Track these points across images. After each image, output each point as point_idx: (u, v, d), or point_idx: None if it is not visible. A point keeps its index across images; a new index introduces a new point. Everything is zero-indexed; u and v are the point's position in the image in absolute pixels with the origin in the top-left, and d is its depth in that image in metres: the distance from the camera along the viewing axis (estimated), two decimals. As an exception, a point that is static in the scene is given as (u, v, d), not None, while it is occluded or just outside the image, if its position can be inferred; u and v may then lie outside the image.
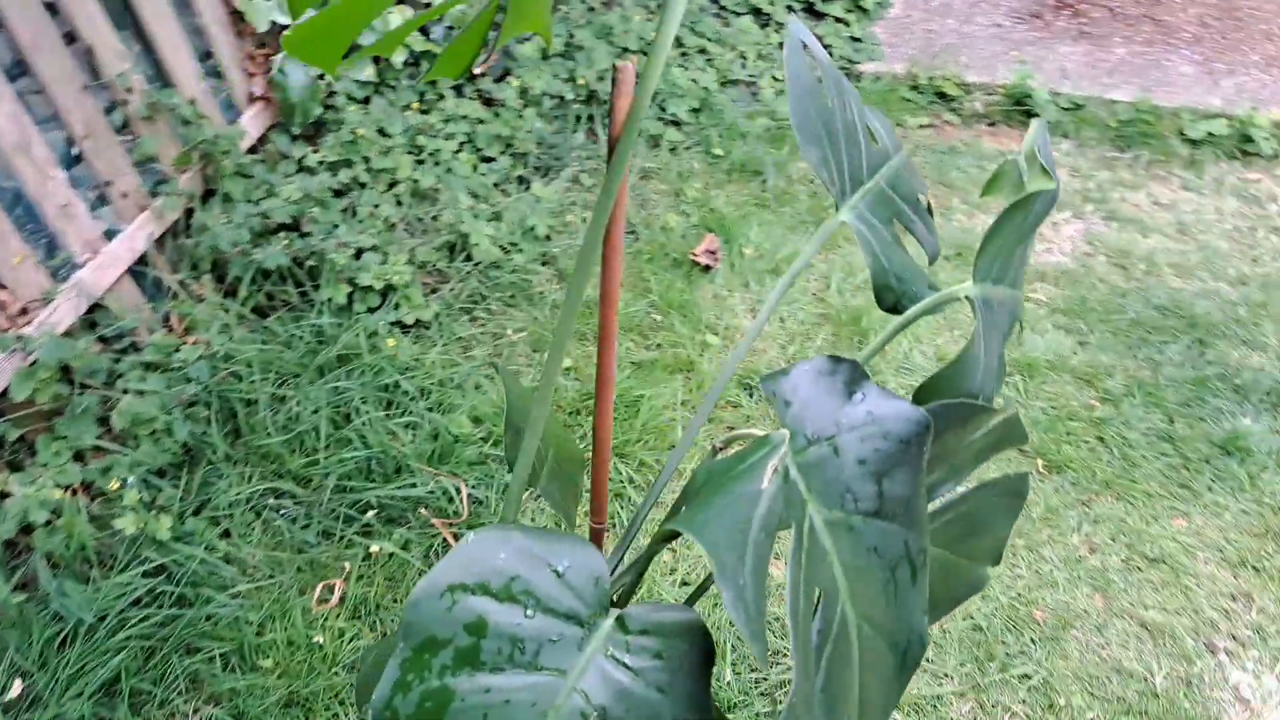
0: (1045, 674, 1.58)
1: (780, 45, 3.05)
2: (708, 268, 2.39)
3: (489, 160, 2.54)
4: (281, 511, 1.68)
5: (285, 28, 2.20)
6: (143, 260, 1.93)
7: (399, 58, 2.43)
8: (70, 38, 1.80)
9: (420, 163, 2.41)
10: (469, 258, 2.23)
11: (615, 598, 0.67)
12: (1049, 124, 3.04)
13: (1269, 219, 2.66)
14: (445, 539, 1.60)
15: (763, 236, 2.50)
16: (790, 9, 3.44)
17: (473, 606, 0.58)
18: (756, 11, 3.42)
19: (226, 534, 1.64)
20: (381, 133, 2.37)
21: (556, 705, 0.58)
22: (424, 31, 2.56)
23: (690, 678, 0.59)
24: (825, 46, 3.25)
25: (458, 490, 1.69)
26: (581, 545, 0.62)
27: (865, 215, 0.81)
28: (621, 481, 1.82)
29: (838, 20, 3.42)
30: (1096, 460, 1.96)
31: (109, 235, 1.86)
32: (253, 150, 2.24)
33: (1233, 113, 2.93)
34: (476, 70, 2.62)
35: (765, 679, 1.55)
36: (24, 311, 1.69)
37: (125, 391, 1.71)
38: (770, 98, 3.06)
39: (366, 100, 2.42)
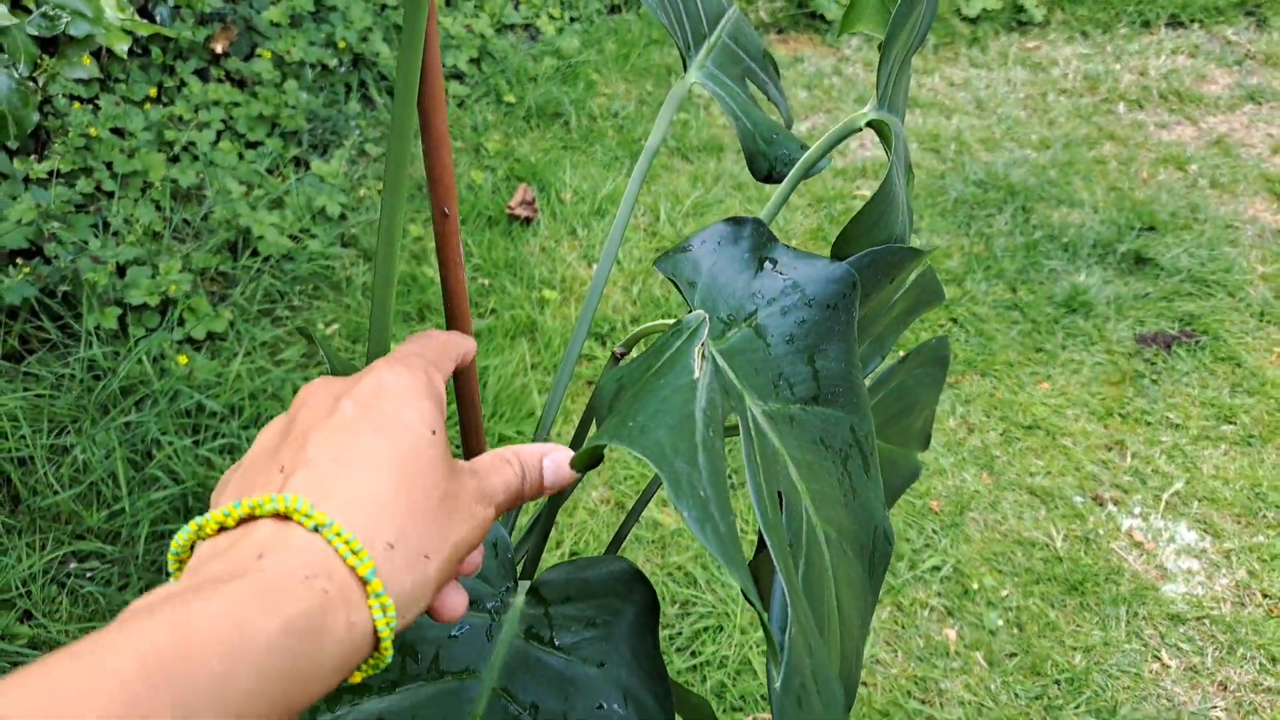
0: (953, 561, 1.54)
1: (557, -20, 2.88)
2: (527, 220, 2.21)
3: (255, 145, 2.25)
4: (89, 576, 1.40)
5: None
6: None
7: (121, 46, 2.09)
8: None
9: (174, 159, 2.09)
10: (255, 253, 1.95)
11: (520, 569, 0.51)
12: (835, 24, 3.03)
13: (1055, 82, 2.76)
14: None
15: (578, 179, 2.35)
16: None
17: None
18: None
19: (27, 615, 1.34)
20: (118, 133, 2.04)
21: (473, 715, 0.42)
22: (148, 15, 2.22)
23: (631, 640, 0.44)
24: (604, -23, 3.10)
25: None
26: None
27: (716, 74, 0.68)
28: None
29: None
30: (955, 342, 1.95)
31: None
32: (-37, 173, 1.86)
33: (1003, -12, 3.02)
34: (217, 48, 2.30)
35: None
36: None
37: None
38: (552, 36, 2.89)
39: (94, 100, 2.07)
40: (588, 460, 0.37)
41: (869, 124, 0.54)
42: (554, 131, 2.55)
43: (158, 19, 2.25)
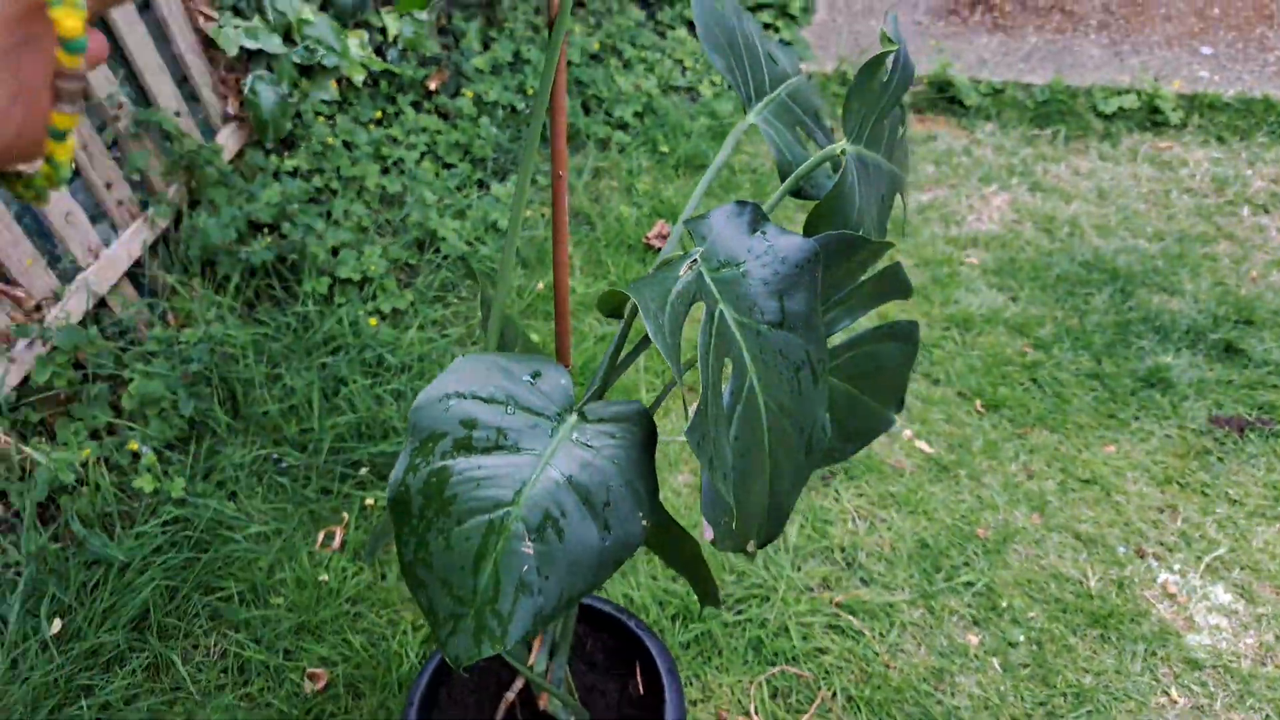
0: (988, 581, 1.72)
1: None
2: (660, 250, 2.55)
3: (449, 166, 2.70)
4: (283, 468, 1.81)
5: (253, 53, 2.36)
6: (139, 264, 2.07)
7: (358, 77, 2.59)
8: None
9: (386, 171, 2.57)
10: (438, 250, 2.38)
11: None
12: (973, 109, 3.26)
13: (1181, 181, 2.88)
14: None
15: (715, 222, 2.68)
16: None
17: (464, 408, 0.73)
18: (690, 25, 3.63)
19: (234, 495, 1.76)
20: (347, 145, 2.53)
21: (534, 476, 0.73)
22: (381, 54, 2.73)
23: (636, 451, 0.73)
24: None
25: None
26: (550, 363, 0.77)
27: (770, 119, 0.97)
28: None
29: (767, 26, 3.64)
30: (1030, 399, 2.13)
31: (107, 243, 2.00)
32: (231, 167, 2.38)
33: (1140, 88, 3.17)
34: (431, 86, 2.79)
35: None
36: (38, 308, 1.82)
37: (131, 379, 1.84)
38: (709, 99, 3.25)
39: (332, 118, 2.58)
40: (606, 301, 0.67)
41: (841, 152, 0.83)
42: (697, 180, 2.90)
43: (388, 58, 2.76)
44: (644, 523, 0.74)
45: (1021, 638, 1.64)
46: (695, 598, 1.58)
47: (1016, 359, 2.23)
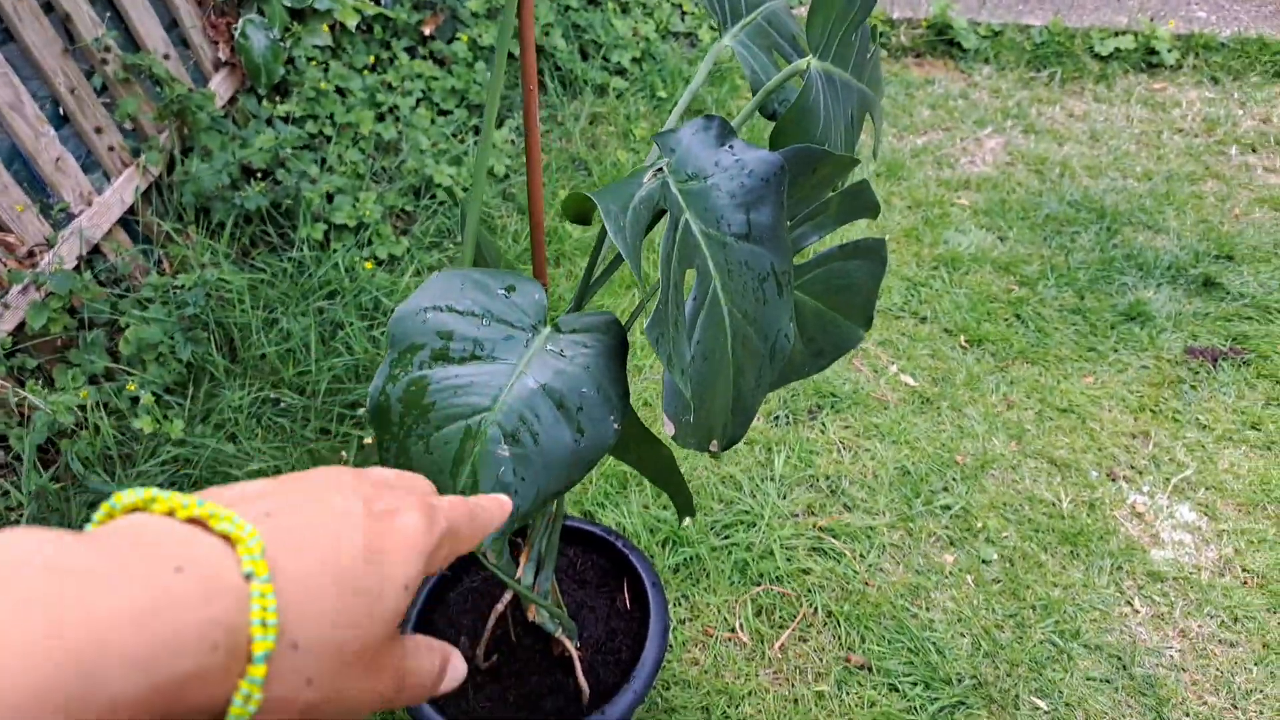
0: (965, 504, 1.79)
1: None
2: (656, 195, 2.58)
3: (445, 113, 2.72)
4: (282, 409, 1.86)
5: (246, -3, 2.37)
6: (133, 211, 2.10)
7: (352, 22, 2.60)
8: (48, 7, 1.96)
9: (381, 118, 2.59)
10: (434, 197, 2.41)
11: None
12: (971, 52, 3.26)
13: (1172, 122, 2.89)
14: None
15: (706, 166, 2.70)
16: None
17: (442, 319, 0.78)
18: (692, -32, 3.61)
19: (233, 437, 1.82)
20: (340, 92, 2.55)
21: (509, 383, 0.78)
22: (376, -2, 2.73)
23: (608, 358, 0.78)
24: None
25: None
26: (524, 278, 0.82)
27: (746, 42, 1.01)
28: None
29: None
30: (1013, 333, 2.18)
31: (99, 190, 2.03)
32: (223, 113, 2.40)
33: (1137, 29, 3.16)
34: (426, 31, 2.79)
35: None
36: (30, 255, 1.86)
37: (128, 325, 1.88)
38: (708, 44, 3.26)
39: (325, 64, 2.59)
40: (570, 205, 0.71)
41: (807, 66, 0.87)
42: (692, 125, 2.92)
43: (382, 2, 2.76)
44: (615, 425, 0.79)
45: (995, 556, 1.70)
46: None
47: (1002, 296, 2.27)
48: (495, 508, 0.43)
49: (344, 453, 1.80)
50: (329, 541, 0.31)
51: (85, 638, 0.24)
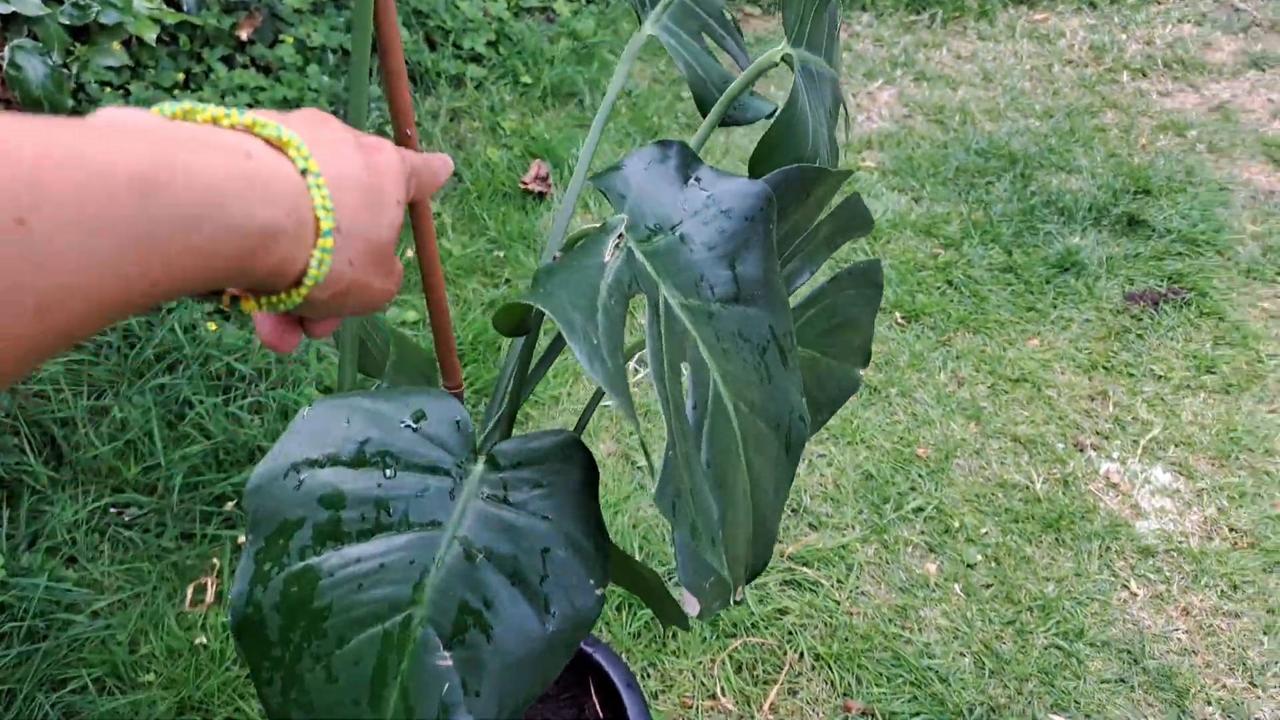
0: (937, 503, 1.62)
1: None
2: (541, 195, 2.32)
3: (286, 126, 2.37)
4: (129, 524, 1.53)
5: (7, 19, 1.97)
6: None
7: (150, 34, 2.21)
8: None
9: (211, 139, 2.22)
10: (286, 226, 2.07)
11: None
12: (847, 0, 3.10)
13: (1060, 53, 2.80)
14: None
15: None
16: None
17: (324, 479, 0.52)
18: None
19: (72, 560, 1.48)
20: (159, 114, 2.17)
21: (437, 558, 0.53)
22: (174, 4, 2.34)
23: (574, 499, 0.54)
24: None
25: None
26: (434, 395, 0.56)
27: (671, 27, 0.77)
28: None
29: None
30: (949, 303, 2.03)
31: None
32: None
33: (1008, -39, 3.07)
34: (242, 35, 2.42)
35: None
36: None
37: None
38: (568, 18, 2.98)
39: (125, 87, 2.20)
40: (505, 319, 0.47)
41: (783, 58, 0.64)
42: (569, 110, 2.65)
43: (184, 7, 2.37)
44: (598, 591, 0.55)
45: (979, 557, 1.55)
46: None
47: (929, 263, 2.12)
48: (441, 165, 0.47)
49: (215, 560, 1.48)
50: (340, 156, 0.36)
51: (205, 178, 0.29)
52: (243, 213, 0.30)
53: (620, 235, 0.51)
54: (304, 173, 0.33)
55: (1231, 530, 1.57)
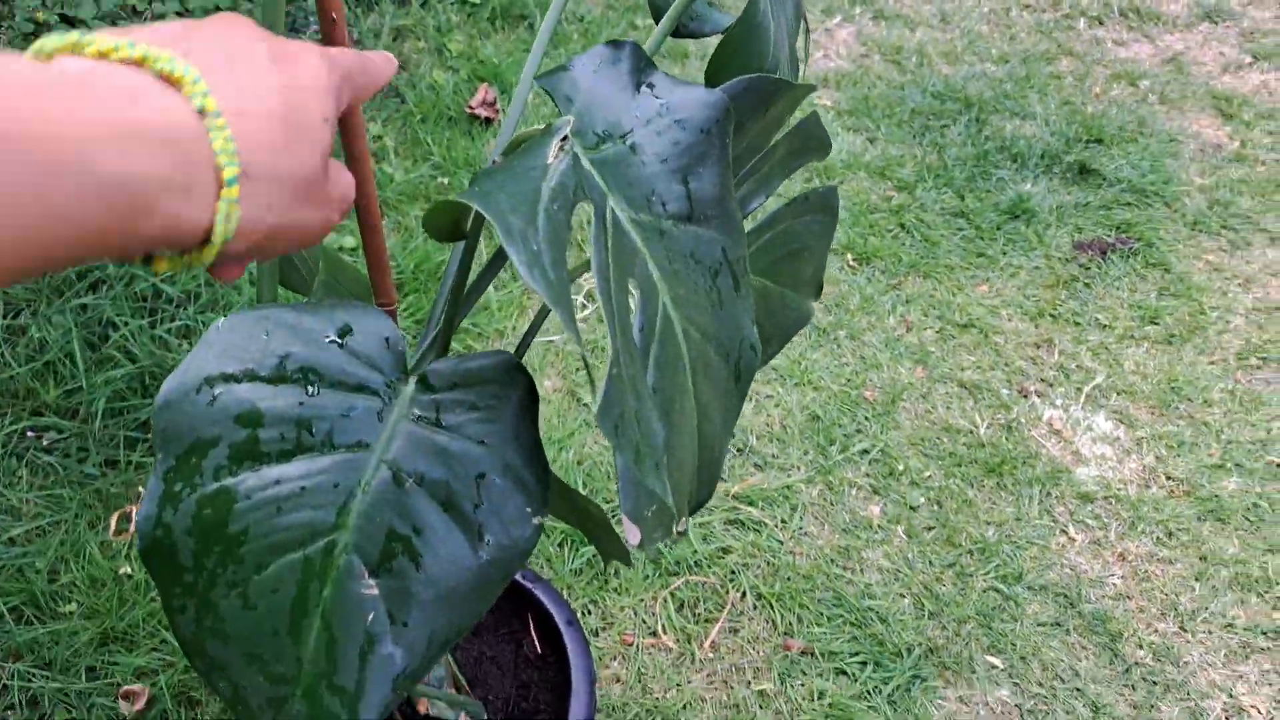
0: (882, 445, 1.63)
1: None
2: (488, 120, 2.23)
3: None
4: (48, 448, 1.46)
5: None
6: None
7: None
8: None
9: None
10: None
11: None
12: (807, -65, 3.02)
13: (1019, -2, 2.78)
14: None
15: (542, 81, 2.36)
16: None
17: (240, 396, 0.48)
18: None
19: (-14, 487, 1.41)
20: (67, 20, 2.03)
21: (363, 481, 0.49)
22: None
23: (512, 422, 0.51)
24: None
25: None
26: (363, 310, 0.52)
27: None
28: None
29: None
30: (900, 246, 2.01)
31: None
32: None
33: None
34: None
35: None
36: None
37: None
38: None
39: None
40: (435, 220, 0.42)
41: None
42: (519, 34, 2.55)
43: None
44: (535, 520, 0.53)
45: (922, 500, 1.56)
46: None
47: (882, 205, 2.10)
48: (382, 62, 0.42)
49: (141, 488, 1.42)
50: (250, 80, 0.31)
51: (69, 129, 0.25)
52: (114, 167, 0.26)
53: (565, 138, 0.47)
54: (201, 113, 0.29)
55: (1168, 479, 1.60)
